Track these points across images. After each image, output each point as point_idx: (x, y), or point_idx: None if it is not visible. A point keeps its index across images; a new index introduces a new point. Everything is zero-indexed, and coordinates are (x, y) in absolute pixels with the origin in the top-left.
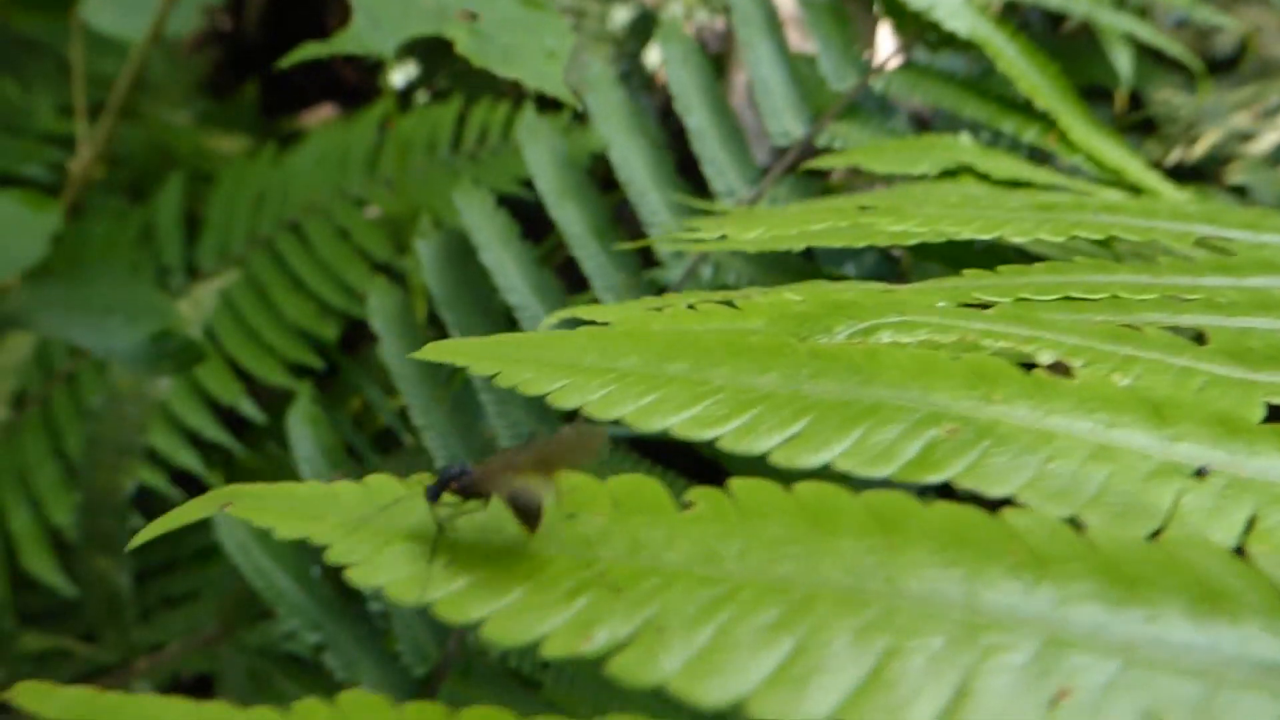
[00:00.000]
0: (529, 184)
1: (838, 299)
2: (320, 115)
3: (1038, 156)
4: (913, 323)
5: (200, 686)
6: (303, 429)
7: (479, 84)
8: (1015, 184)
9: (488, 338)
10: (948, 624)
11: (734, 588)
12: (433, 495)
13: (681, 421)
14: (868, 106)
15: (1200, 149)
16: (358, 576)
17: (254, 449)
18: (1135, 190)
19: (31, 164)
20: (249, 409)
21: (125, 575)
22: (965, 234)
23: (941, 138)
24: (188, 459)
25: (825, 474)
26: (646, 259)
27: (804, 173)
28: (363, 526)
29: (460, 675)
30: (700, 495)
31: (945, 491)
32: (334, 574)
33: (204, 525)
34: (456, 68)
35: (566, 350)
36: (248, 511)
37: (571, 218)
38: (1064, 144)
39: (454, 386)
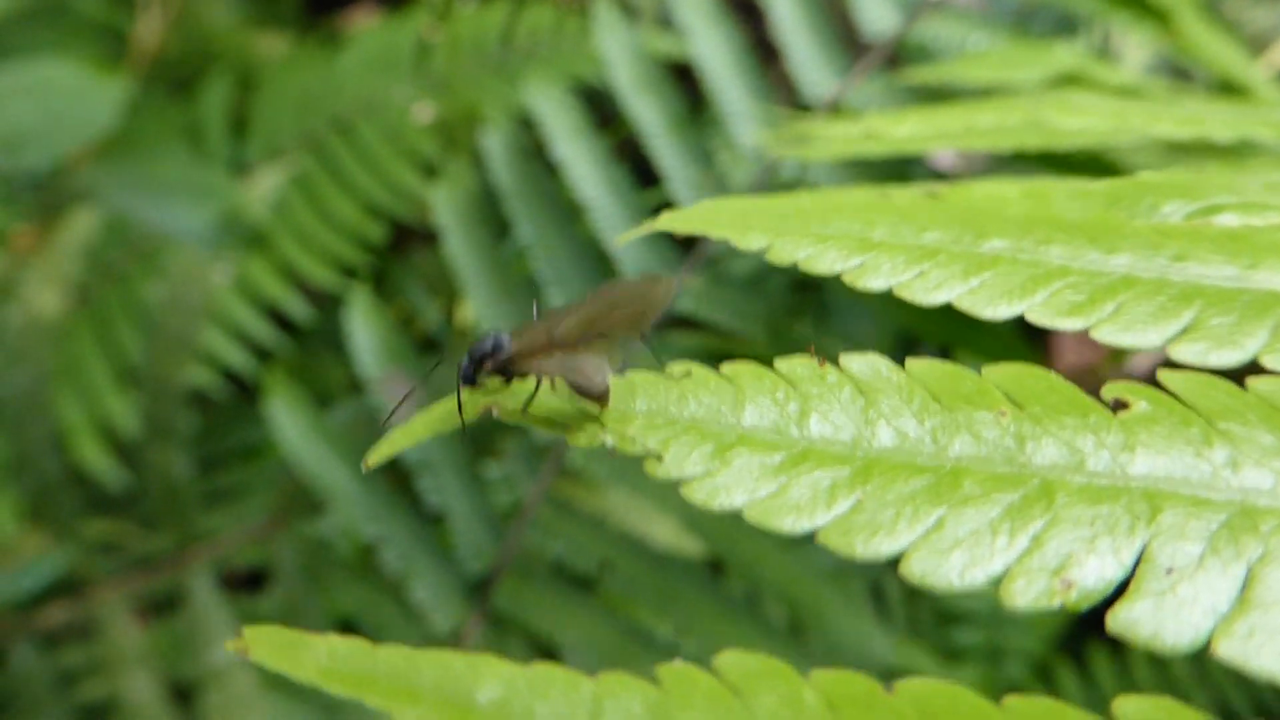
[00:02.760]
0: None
1: (1145, 179)
2: (361, 15)
3: None
4: (1258, 203)
5: (253, 580)
6: (361, 321)
7: None
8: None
9: (738, 202)
10: None
11: (1244, 512)
12: (467, 376)
13: (1034, 307)
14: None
15: (1272, 63)
16: (705, 496)
17: (300, 350)
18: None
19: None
20: (298, 308)
21: (184, 463)
22: (1158, 130)
23: (1044, 43)
24: (238, 357)
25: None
26: None
27: (897, 72)
28: (693, 428)
29: (518, 575)
30: (1129, 391)
31: None
32: (391, 469)
33: (249, 420)
34: None
35: (845, 222)
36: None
37: (649, 112)
38: (1182, 43)
39: (518, 274)
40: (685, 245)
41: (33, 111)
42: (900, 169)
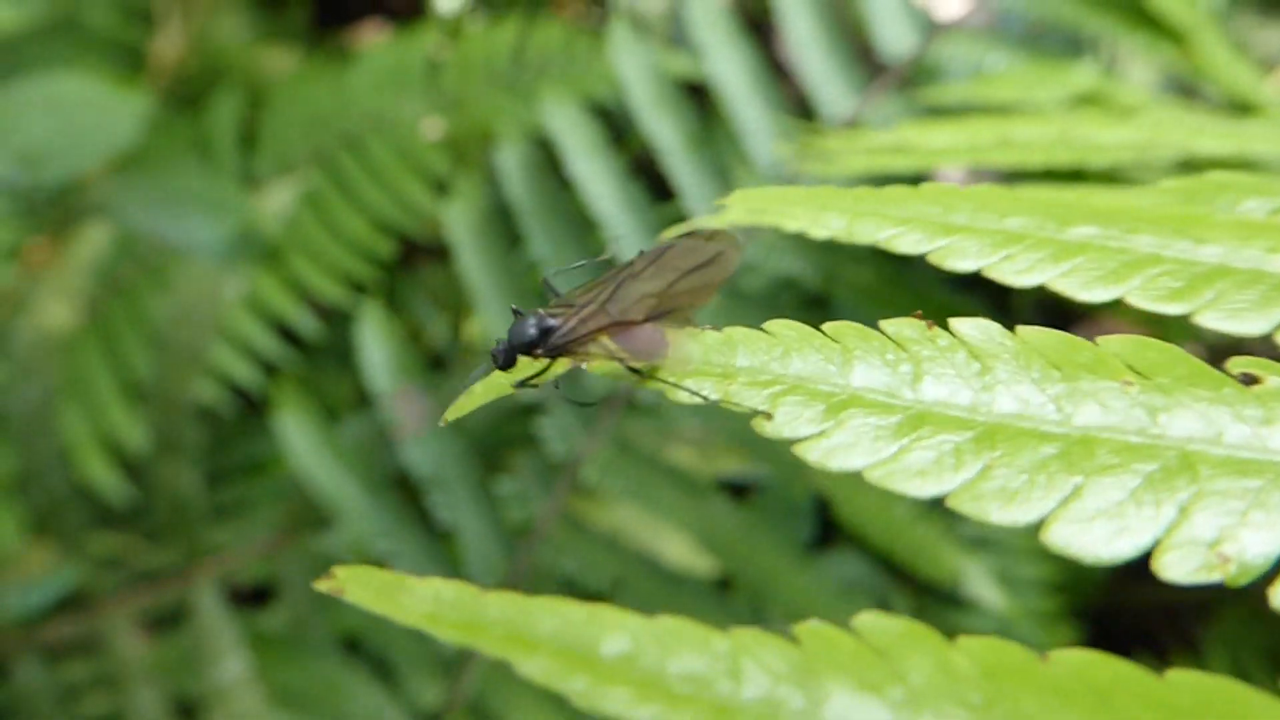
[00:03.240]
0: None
1: (1217, 178)
2: (370, 31)
3: None
4: None
5: (259, 596)
6: (372, 336)
7: (536, 4)
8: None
9: (811, 189)
10: None
11: None
12: (506, 360)
13: (1132, 291)
14: (988, 21)
15: (1276, 85)
16: (821, 456)
17: (305, 365)
18: None
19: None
20: (306, 323)
21: (192, 477)
22: (1200, 145)
23: (1061, 65)
24: (244, 372)
25: None
26: None
27: (916, 91)
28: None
29: (529, 591)
30: (1257, 366)
31: None
32: (401, 484)
33: (254, 435)
34: None
35: (923, 206)
36: None
37: (665, 129)
38: (1199, 63)
39: (530, 289)
40: None
41: (53, 126)
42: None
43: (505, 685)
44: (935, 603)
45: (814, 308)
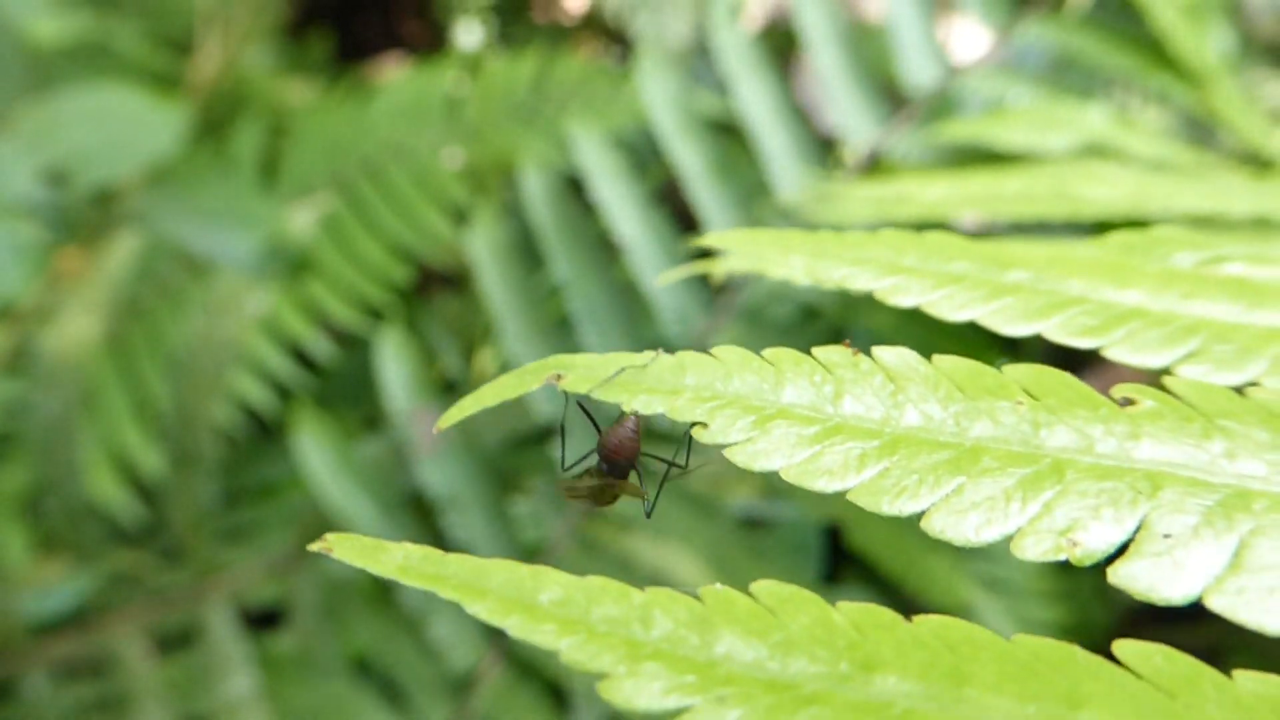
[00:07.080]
0: None
1: (1159, 233)
2: (390, 64)
3: None
4: (1264, 256)
5: (270, 615)
6: (392, 356)
7: (556, 38)
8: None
9: (777, 230)
10: None
11: (1239, 494)
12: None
13: (1051, 328)
14: (1009, 58)
15: None
16: (746, 458)
17: (321, 390)
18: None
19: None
20: (322, 347)
21: (208, 495)
22: (1181, 203)
23: (1078, 105)
24: (259, 394)
25: None
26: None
27: (934, 126)
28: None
29: None
30: (1134, 391)
31: None
32: (416, 504)
33: (267, 457)
34: (522, 25)
35: (876, 249)
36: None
37: (690, 154)
38: (1215, 107)
39: (552, 314)
40: (718, 290)
41: (91, 134)
42: (931, 228)
43: (513, 707)
44: None
45: (836, 340)
